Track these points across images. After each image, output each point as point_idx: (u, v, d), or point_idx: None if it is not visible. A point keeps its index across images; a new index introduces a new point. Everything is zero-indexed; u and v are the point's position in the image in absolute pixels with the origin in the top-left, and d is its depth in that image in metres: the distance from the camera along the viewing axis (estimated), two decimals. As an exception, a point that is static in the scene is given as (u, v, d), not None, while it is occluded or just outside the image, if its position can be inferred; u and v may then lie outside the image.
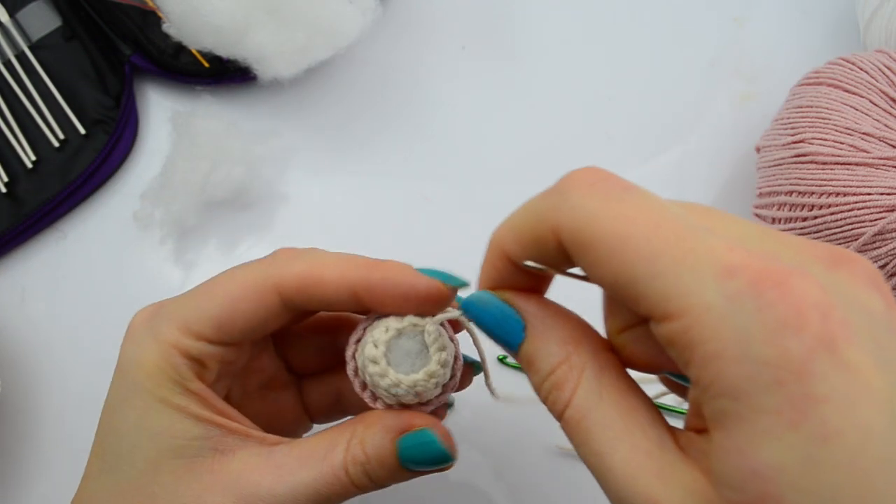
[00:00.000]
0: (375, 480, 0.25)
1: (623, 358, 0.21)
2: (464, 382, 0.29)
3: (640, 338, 0.21)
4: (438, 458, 0.25)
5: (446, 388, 0.26)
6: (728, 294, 0.16)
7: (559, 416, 0.21)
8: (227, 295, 0.25)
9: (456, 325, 0.28)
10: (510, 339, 0.22)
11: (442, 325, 0.26)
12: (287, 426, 0.31)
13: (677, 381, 0.22)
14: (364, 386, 0.26)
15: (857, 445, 0.16)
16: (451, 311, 0.25)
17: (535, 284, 0.23)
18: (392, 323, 0.25)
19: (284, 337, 0.31)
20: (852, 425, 0.16)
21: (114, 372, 0.26)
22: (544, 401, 0.21)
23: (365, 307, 0.25)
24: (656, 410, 0.20)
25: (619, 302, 0.21)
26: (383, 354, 0.25)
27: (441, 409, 0.28)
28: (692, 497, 0.18)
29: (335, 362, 0.32)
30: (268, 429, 0.27)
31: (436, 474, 0.27)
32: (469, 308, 0.23)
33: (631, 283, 0.18)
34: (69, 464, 0.38)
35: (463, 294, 0.25)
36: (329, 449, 0.25)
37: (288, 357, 0.32)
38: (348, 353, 0.26)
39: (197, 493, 0.24)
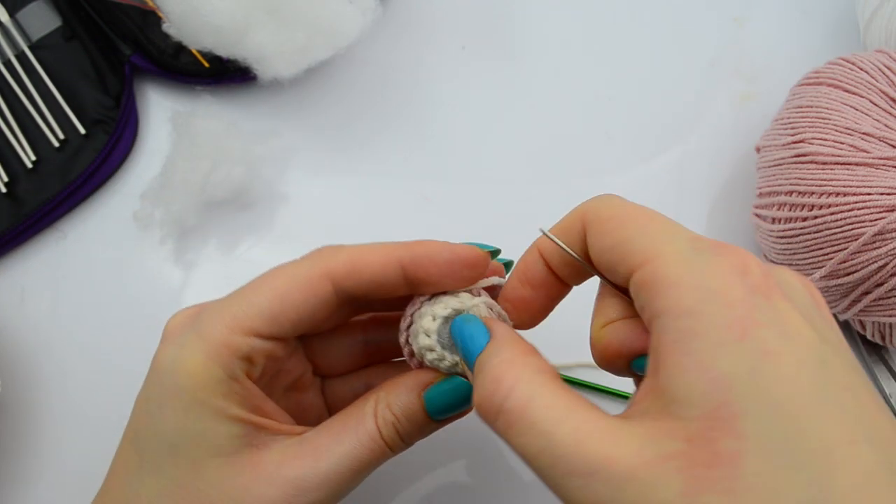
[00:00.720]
0: (406, 438, 0.27)
1: (602, 347, 0.25)
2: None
3: (618, 328, 0.25)
4: (465, 398, 0.27)
5: None
6: (694, 248, 0.21)
7: (498, 411, 0.22)
8: (276, 288, 0.26)
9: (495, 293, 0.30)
10: (473, 348, 0.25)
11: (490, 306, 0.28)
12: (310, 424, 0.32)
13: (640, 373, 0.25)
14: (412, 355, 0.28)
15: (792, 367, 0.19)
16: (495, 280, 0.28)
17: (551, 287, 0.27)
18: (438, 310, 0.27)
19: (312, 340, 0.32)
20: (788, 350, 0.19)
21: (149, 372, 0.27)
22: (482, 401, 0.22)
23: (412, 282, 0.27)
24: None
25: (609, 288, 0.26)
26: (437, 342, 0.27)
27: None
28: (649, 439, 0.19)
29: (362, 362, 0.33)
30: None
31: (432, 473, 0.27)
32: (454, 325, 0.27)
33: (627, 242, 0.23)
34: (69, 464, 0.38)
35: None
36: (359, 420, 0.26)
37: (315, 359, 0.32)
38: (401, 338, 0.28)
39: (243, 486, 0.25)
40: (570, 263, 0.26)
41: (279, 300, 0.26)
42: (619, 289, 0.25)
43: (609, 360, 0.25)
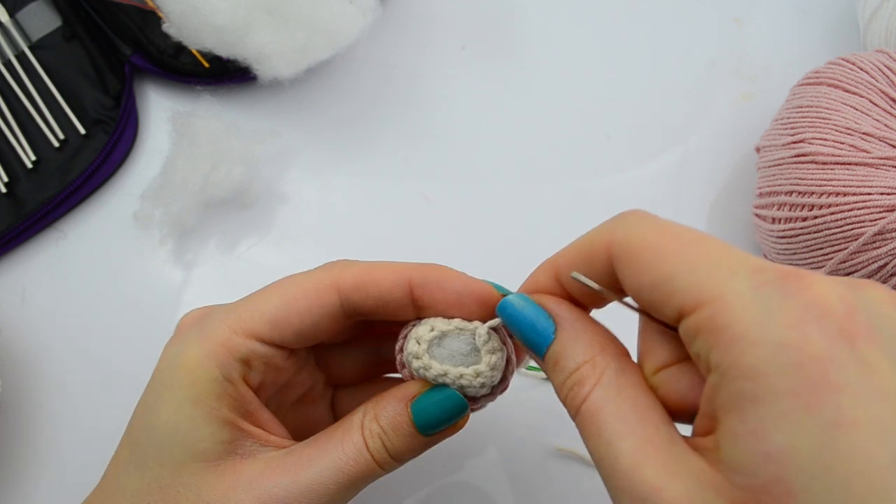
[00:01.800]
0: (394, 453, 0.26)
1: (660, 398, 0.22)
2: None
3: (673, 377, 0.22)
4: (454, 410, 0.26)
5: (495, 391, 0.27)
6: (756, 284, 0.18)
7: (576, 412, 0.22)
8: (284, 294, 0.26)
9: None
10: (541, 340, 0.24)
11: (496, 330, 0.26)
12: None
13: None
14: (411, 376, 0.27)
15: (871, 438, 0.16)
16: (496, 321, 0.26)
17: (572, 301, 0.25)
18: (438, 324, 0.26)
19: (325, 350, 0.32)
20: (867, 418, 0.16)
21: (156, 366, 0.27)
22: (564, 399, 0.22)
23: (418, 306, 0.26)
24: (668, 415, 0.21)
25: (653, 324, 0.23)
26: (426, 350, 0.26)
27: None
28: (699, 486, 0.18)
29: (375, 372, 0.33)
30: (297, 437, 0.28)
31: (431, 472, 0.27)
32: (504, 308, 0.25)
33: (668, 280, 0.20)
34: (69, 463, 0.38)
35: None
36: (344, 433, 0.26)
37: (328, 369, 0.32)
38: (397, 346, 0.27)
39: (220, 494, 0.25)
40: (593, 293, 0.23)
41: (283, 306, 0.26)
42: (665, 325, 0.22)
43: (670, 412, 0.22)
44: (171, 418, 0.25)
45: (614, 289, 0.22)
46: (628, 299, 0.23)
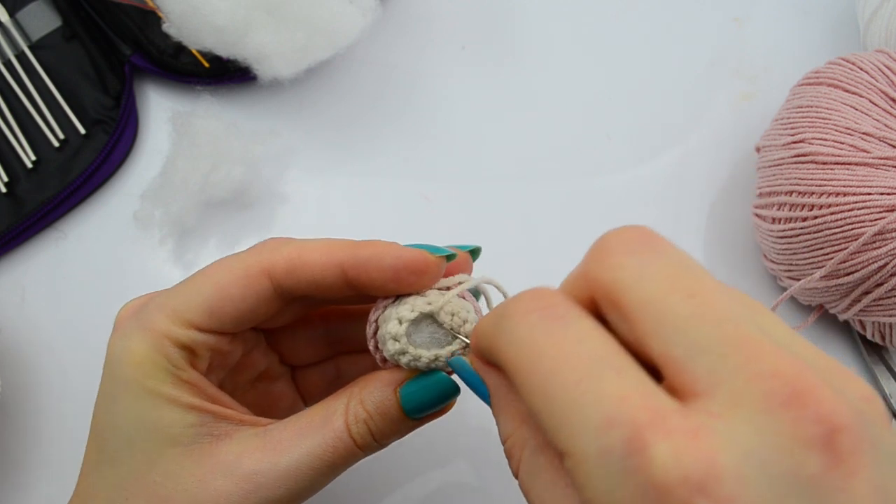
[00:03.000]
0: (378, 436, 0.26)
1: None
2: None
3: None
4: (444, 394, 0.26)
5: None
6: (602, 449, 0.16)
7: (515, 474, 0.22)
8: (216, 282, 0.26)
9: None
10: (484, 401, 0.24)
11: (465, 297, 0.26)
12: (282, 413, 0.32)
13: None
14: (385, 361, 0.27)
15: None
16: (463, 279, 0.26)
17: None
18: (404, 313, 0.25)
19: (275, 332, 0.31)
20: None
21: (103, 366, 0.26)
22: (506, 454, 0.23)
23: (354, 288, 0.26)
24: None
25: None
26: (404, 333, 0.25)
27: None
28: None
29: (329, 352, 0.32)
30: (260, 415, 0.27)
31: (431, 470, 0.27)
32: (454, 368, 0.25)
33: (538, 414, 0.18)
34: (69, 464, 0.38)
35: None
36: (327, 416, 0.25)
37: (280, 351, 0.32)
38: (370, 345, 0.27)
39: (199, 478, 0.24)
40: None
41: (217, 295, 0.25)
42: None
43: None
44: (133, 412, 0.25)
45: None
46: None
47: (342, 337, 0.32)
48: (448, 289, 0.26)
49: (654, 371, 0.17)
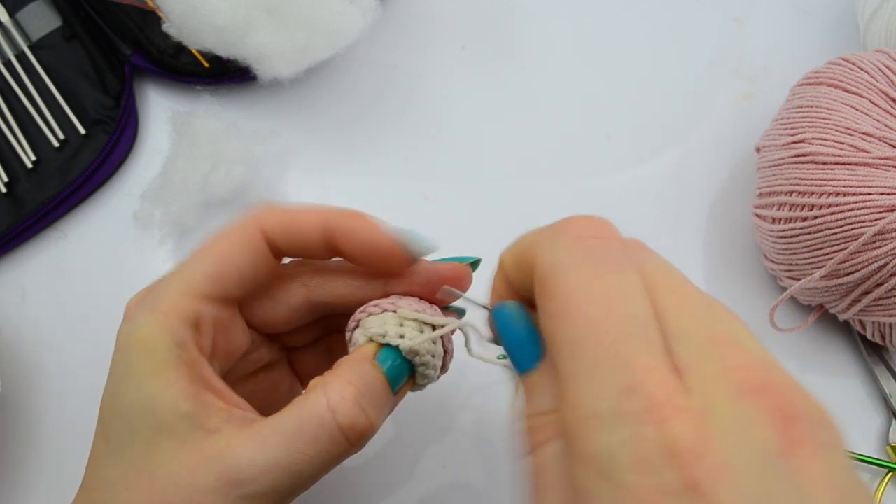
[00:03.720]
0: (372, 414, 0.25)
1: None
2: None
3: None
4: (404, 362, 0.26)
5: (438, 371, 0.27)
6: (617, 411, 0.17)
7: (525, 453, 0.21)
8: (216, 249, 0.27)
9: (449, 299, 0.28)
10: (523, 362, 0.23)
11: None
12: (282, 398, 0.31)
13: None
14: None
15: None
16: (448, 321, 0.26)
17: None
18: (389, 322, 0.26)
19: (294, 352, 0.32)
20: None
21: (112, 356, 0.27)
22: (520, 430, 0.22)
23: (332, 252, 0.27)
24: None
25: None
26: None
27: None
28: None
29: (318, 331, 0.33)
30: (262, 405, 0.27)
31: (432, 472, 0.26)
32: (497, 317, 0.24)
33: (557, 348, 0.18)
34: (69, 464, 0.38)
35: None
36: (302, 407, 0.25)
37: (297, 369, 0.32)
38: (347, 335, 0.27)
39: (189, 471, 0.24)
40: None
41: (219, 260, 0.27)
42: None
43: None
44: (135, 398, 0.25)
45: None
46: None
47: (328, 306, 0.31)
48: (425, 326, 0.26)
49: None
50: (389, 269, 0.27)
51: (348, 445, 0.25)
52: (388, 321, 0.26)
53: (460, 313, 0.30)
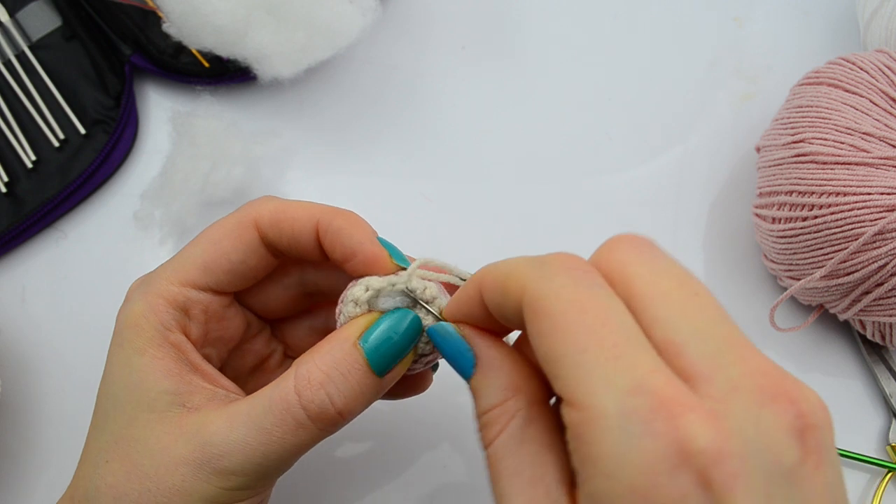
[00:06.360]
0: (340, 402, 0.24)
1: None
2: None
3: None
4: (409, 331, 0.25)
5: (435, 352, 0.27)
6: (625, 409, 0.17)
7: (484, 450, 0.22)
8: (209, 239, 0.28)
9: (449, 287, 0.28)
10: (463, 371, 0.24)
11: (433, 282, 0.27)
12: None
13: None
14: None
15: None
16: (430, 269, 0.27)
17: (494, 324, 0.24)
18: (373, 282, 0.26)
19: (281, 323, 0.33)
20: None
21: (111, 336, 0.28)
22: (478, 431, 0.23)
23: (322, 250, 0.27)
24: (568, 470, 0.20)
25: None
26: (366, 300, 0.26)
27: (426, 371, 0.29)
28: None
29: (309, 306, 0.33)
30: (254, 382, 0.29)
31: (432, 472, 0.27)
32: (432, 335, 0.25)
33: (558, 360, 0.19)
34: (69, 464, 0.38)
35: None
36: (274, 388, 0.25)
37: (285, 342, 0.33)
38: (336, 311, 0.27)
39: (165, 445, 0.25)
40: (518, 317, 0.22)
41: (211, 249, 0.27)
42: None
43: None
44: (122, 373, 0.26)
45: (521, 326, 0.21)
46: None
47: (318, 287, 0.32)
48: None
49: None
50: (368, 273, 0.27)
51: (315, 429, 0.25)
52: (368, 282, 0.26)
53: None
